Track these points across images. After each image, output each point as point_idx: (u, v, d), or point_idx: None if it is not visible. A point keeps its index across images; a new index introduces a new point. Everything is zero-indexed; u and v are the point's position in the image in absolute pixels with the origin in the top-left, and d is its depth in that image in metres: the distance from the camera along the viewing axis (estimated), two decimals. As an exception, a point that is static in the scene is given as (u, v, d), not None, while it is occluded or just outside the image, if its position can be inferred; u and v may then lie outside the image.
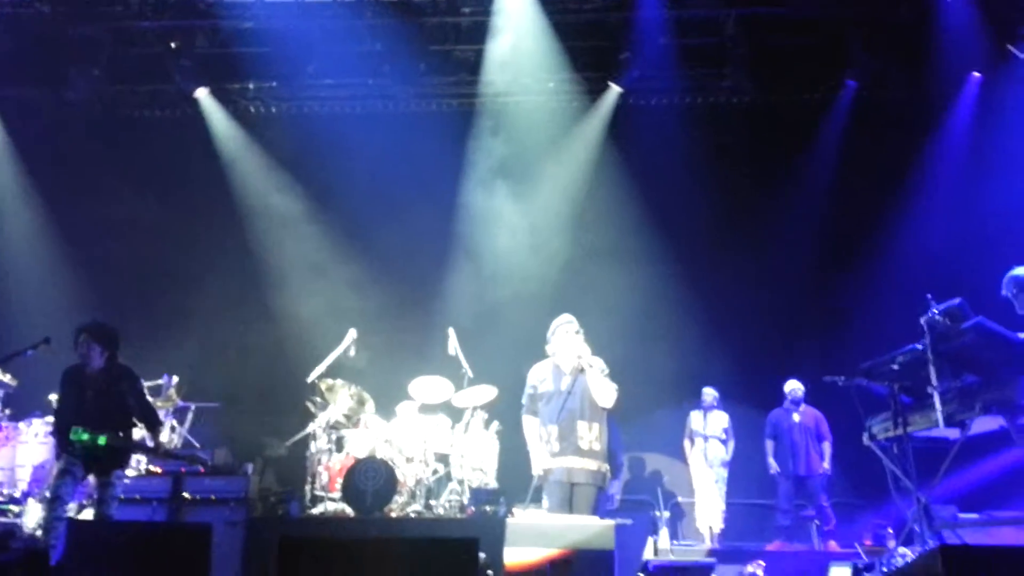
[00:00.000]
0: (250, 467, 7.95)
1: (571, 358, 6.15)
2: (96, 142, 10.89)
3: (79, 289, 10.47)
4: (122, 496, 6.56)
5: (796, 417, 9.65)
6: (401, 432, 8.51)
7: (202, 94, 11.12)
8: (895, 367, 5.90)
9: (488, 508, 7.92)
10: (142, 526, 6.44)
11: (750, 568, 7.48)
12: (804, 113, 11.04)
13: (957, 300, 5.74)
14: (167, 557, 4.85)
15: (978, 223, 9.98)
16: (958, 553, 3.78)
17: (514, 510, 6.92)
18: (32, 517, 7.68)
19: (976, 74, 10.65)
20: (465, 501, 8.19)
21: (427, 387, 8.87)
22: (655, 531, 8.06)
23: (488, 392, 8.79)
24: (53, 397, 7.46)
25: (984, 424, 5.58)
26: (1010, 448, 5.91)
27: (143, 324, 9.80)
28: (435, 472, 8.49)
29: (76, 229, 10.85)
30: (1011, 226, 9.85)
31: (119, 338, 6.42)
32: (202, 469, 7.41)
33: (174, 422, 8.88)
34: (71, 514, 6.52)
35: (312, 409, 8.76)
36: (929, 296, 5.76)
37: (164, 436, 8.42)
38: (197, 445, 8.76)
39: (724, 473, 9.87)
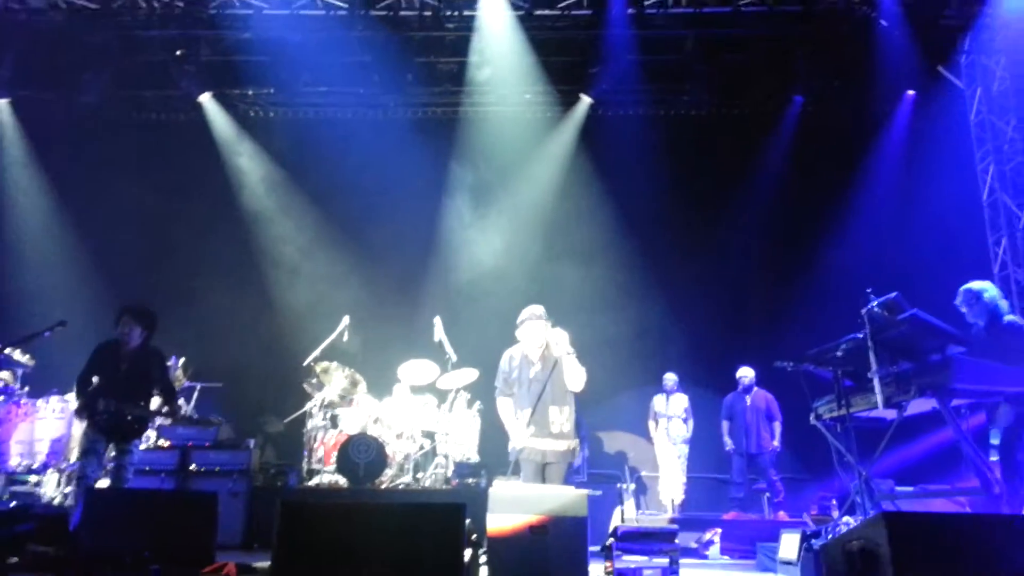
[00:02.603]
0: (252, 442, 7.91)
1: (539, 347, 6.11)
2: (107, 141, 10.74)
3: (91, 276, 10.32)
4: (134, 466, 6.48)
5: (748, 400, 9.71)
6: (391, 410, 8.52)
7: (205, 99, 11.06)
8: (839, 354, 5.95)
9: (470, 480, 7.97)
10: (153, 493, 6.38)
11: (708, 535, 7.56)
12: (757, 125, 11.15)
13: (894, 294, 5.79)
14: (177, 521, 4.83)
15: (911, 226, 10.14)
16: (898, 519, 3.85)
17: (495, 481, 6.91)
18: (50, 487, 7.59)
19: (911, 92, 10.83)
20: (449, 474, 8.22)
21: (415, 370, 8.88)
22: (621, 502, 8.11)
23: (470, 374, 8.81)
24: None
25: (919, 406, 5.63)
26: (941, 428, 5.99)
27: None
28: (422, 448, 8.48)
29: (89, 221, 10.69)
30: (939, 228, 10.05)
31: (157, 321, 6.33)
32: (216, 431, 7.45)
33: (181, 400, 8.76)
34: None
35: (308, 390, 8.74)
36: (869, 290, 5.79)
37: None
38: (203, 422, 8.67)
39: (685, 450, 9.95)
